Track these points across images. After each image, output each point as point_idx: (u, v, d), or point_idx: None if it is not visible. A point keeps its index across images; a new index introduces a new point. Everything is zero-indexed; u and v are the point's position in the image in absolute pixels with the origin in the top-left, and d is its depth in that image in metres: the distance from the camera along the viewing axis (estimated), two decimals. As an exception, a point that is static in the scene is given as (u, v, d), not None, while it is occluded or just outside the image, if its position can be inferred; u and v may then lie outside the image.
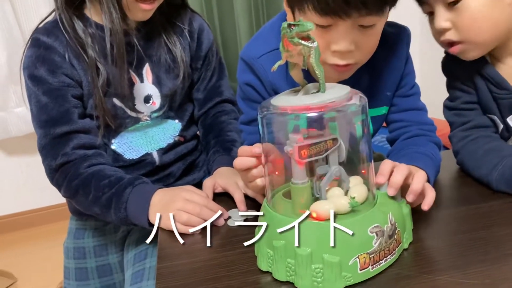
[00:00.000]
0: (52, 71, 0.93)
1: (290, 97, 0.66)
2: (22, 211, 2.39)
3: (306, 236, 0.61)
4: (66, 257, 1.10)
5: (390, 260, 0.64)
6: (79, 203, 0.94)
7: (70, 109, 0.94)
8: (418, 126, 0.93)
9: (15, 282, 1.93)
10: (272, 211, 0.66)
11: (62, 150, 0.93)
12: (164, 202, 0.84)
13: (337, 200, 0.63)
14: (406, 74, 0.95)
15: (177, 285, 0.65)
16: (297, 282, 0.61)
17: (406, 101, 0.95)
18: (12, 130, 2.20)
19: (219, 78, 1.12)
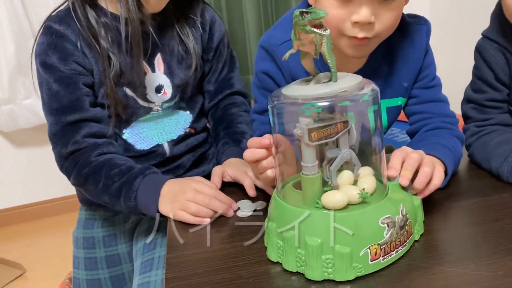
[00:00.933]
0: (64, 59, 0.93)
1: (301, 86, 0.65)
2: (30, 203, 2.40)
3: (316, 226, 0.60)
4: (75, 246, 1.11)
5: (401, 251, 0.63)
6: (89, 191, 0.94)
7: (81, 97, 0.94)
8: (440, 119, 0.91)
9: (24, 273, 1.95)
10: (282, 201, 0.66)
11: (73, 138, 0.93)
12: (174, 193, 0.84)
13: (348, 191, 0.62)
14: (427, 66, 0.93)
15: (187, 275, 0.65)
16: (307, 272, 0.61)
17: (427, 92, 0.94)
18: (20, 122, 2.21)
19: (230, 70, 1.12)
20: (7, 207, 2.38)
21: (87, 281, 1.07)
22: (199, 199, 0.81)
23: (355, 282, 0.60)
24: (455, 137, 0.87)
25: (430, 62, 0.94)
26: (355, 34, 0.78)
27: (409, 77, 0.93)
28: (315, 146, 0.62)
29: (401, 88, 0.93)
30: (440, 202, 0.78)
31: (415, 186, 0.69)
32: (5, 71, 2.14)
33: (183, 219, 0.81)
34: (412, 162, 0.70)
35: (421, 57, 0.92)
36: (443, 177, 0.73)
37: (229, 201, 0.83)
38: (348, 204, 0.61)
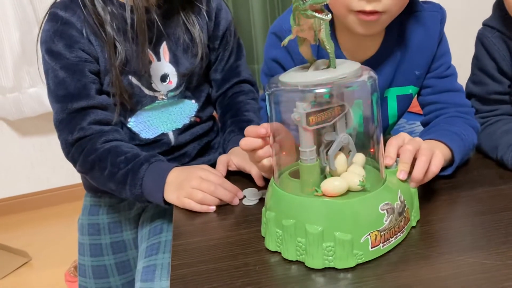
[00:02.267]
0: (70, 46, 0.93)
1: (299, 73, 0.65)
2: (35, 191, 2.41)
3: (317, 214, 0.60)
4: (80, 233, 1.11)
5: (399, 237, 0.63)
6: (94, 178, 0.94)
7: (88, 85, 0.94)
8: (455, 109, 0.89)
9: (29, 261, 1.96)
10: (281, 190, 0.65)
11: (79, 124, 0.93)
12: (180, 180, 0.84)
13: (347, 178, 0.62)
14: (441, 54, 0.91)
15: (193, 262, 0.65)
16: (308, 261, 0.60)
17: (441, 82, 0.92)
18: (25, 110, 2.21)
19: (237, 59, 1.11)
20: (13, 195, 2.39)
21: (93, 268, 1.07)
22: (205, 186, 0.80)
23: (356, 270, 0.59)
24: (468, 126, 0.86)
25: (444, 50, 0.92)
26: (362, 7, 0.75)
27: (422, 65, 0.91)
28: (313, 131, 0.62)
29: (413, 76, 0.92)
30: (447, 191, 0.77)
31: (414, 177, 0.67)
32: (10, 59, 2.14)
33: (189, 207, 0.80)
34: (408, 155, 0.68)
35: (434, 45, 0.90)
36: (441, 163, 0.71)
37: (234, 189, 0.83)
38: (348, 191, 0.61)
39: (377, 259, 0.61)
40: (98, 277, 1.07)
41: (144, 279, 0.88)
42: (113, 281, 1.07)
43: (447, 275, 0.57)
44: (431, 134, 0.81)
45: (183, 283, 0.60)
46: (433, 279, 0.56)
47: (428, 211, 0.71)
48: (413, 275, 0.57)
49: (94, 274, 1.07)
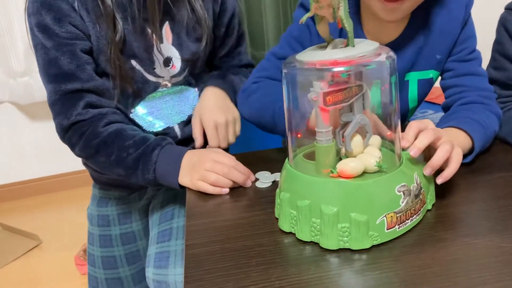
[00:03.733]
0: (59, 20, 0.87)
1: (317, 52, 0.64)
2: (46, 176, 2.43)
3: (332, 194, 0.59)
4: (90, 223, 1.10)
5: (415, 220, 0.63)
6: (99, 163, 0.92)
7: (82, 65, 0.89)
8: (476, 92, 0.87)
9: (40, 244, 1.98)
10: (296, 171, 0.64)
11: (75, 109, 0.89)
12: (193, 163, 0.83)
13: (363, 159, 0.61)
14: (465, 38, 0.89)
15: (207, 242, 0.65)
16: (323, 242, 0.60)
17: (464, 66, 0.90)
18: (36, 95, 2.22)
19: (239, 45, 1.10)
20: (23, 180, 2.41)
21: (102, 258, 1.07)
22: (218, 169, 0.80)
23: (371, 251, 0.59)
24: (489, 112, 0.84)
25: (468, 34, 0.90)
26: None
27: (443, 49, 0.90)
28: (329, 111, 0.60)
29: (434, 60, 0.90)
30: (463, 176, 0.76)
31: (432, 162, 0.66)
32: (21, 44, 2.15)
33: (203, 189, 0.80)
34: (428, 135, 0.66)
35: (457, 29, 0.88)
36: (461, 158, 0.69)
37: (247, 172, 0.82)
38: (363, 172, 0.61)
39: (393, 241, 0.60)
40: (108, 267, 1.07)
41: (157, 265, 0.88)
42: (123, 272, 1.07)
43: (463, 257, 0.56)
44: (452, 121, 0.80)
45: (197, 262, 0.60)
46: (450, 261, 0.56)
47: (444, 195, 0.71)
48: (429, 257, 0.57)
49: (104, 265, 1.07)
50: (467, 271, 0.54)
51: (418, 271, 0.55)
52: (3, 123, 2.32)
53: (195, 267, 0.59)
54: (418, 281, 0.53)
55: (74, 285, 1.69)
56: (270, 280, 0.55)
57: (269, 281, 0.55)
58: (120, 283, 1.06)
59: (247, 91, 0.93)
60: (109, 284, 1.06)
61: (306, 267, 0.58)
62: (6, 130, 2.33)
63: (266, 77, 0.93)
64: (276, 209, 0.68)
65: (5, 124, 2.32)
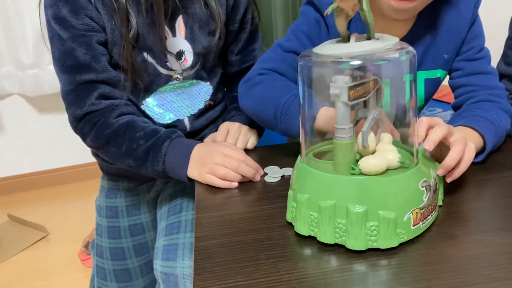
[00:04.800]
0: (75, 12, 0.89)
1: (336, 45, 0.62)
2: (54, 168, 2.44)
3: (360, 193, 0.57)
4: (98, 214, 1.11)
5: (433, 215, 0.62)
6: (109, 153, 0.92)
7: (97, 57, 0.90)
8: (486, 91, 0.86)
9: (47, 235, 1.99)
10: (316, 171, 0.61)
11: (89, 100, 0.90)
12: (202, 156, 0.83)
13: (384, 155, 0.60)
14: (473, 37, 0.89)
15: (217, 234, 0.65)
16: (349, 243, 0.57)
17: (472, 64, 0.89)
18: (45, 87, 2.23)
19: (253, 41, 1.09)
20: (32, 172, 2.42)
21: (110, 249, 1.07)
22: (227, 162, 0.80)
23: (398, 251, 0.57)
24: (501, 110, 0.83)
25: (476, 33, 0.89)
26: None
27: (450, 49, 0.89)
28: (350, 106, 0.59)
29: (441, 60, 0.90)
30: (473, 173, 0.76)
31: (446, 163, 0.65)
32: (31, 36, 2.15)
33: (212, 183, 0.80)
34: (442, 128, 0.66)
35: (465, 28, 0.88)
36: (473, 157, 0.69)
37: (256, 166, 0.82)
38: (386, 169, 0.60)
39: (416, 239, 0.59)
40: (116, 258, 1.07)
41: (165, 257, 0.88)
42: (131, 263, 1.07)
43: (474, 254, 0.56)
44: (462, 120, 0.79)
45: (207, 254, 0.61)
46: (461, 258, 0.56)
47: (455, 192, 0.70)
48: (440, 253, 0.57)
49: (112, 256, 1.07)
50: (477, 268, 0.54)
51: (429, 267, 0.54)
52: (12, 115, 2.33)
53: (204, 259, 0.59)
54: (429, 277, 0.53)
55: (80, 276, 1.70)
56: (280, 273, 0.55)
57: (278, 274, 0.55)
58: (128, 274, 1.07)
59: (251, 81, 0.90)
60: (117, 275, 1.07)
61: (315, 261, 0.58)
62: (14, 122, 2.35)
63: (271, 69, 0.90)
64: (290, 213, 0.65)
65: (14, 116, 2.33)
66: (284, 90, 0.84)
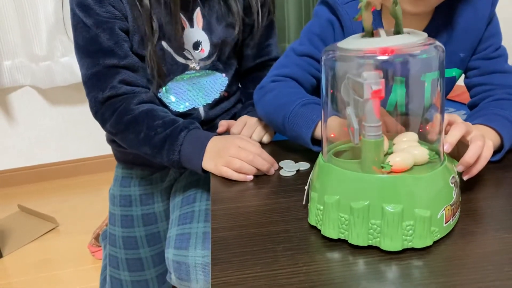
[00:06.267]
0: (99, 1, 0.91)
1: (363, 40, 0.61)
2: (64, 160, 2.45)
3: (397, 192, 0.55)
4: (111, 203, 1.12)
5: (458, 212, 0.62)
6: (127, 140, 0.93)
7: (120, 42, 0.93)
8: (504, 90, 0.85)
9: (57, 227, 2.00)
10: (346, 170, 0.59)
11: (110, 82, 0.92)
12: (218, 149, 0.84)
13: (412, 151, 0.59)
14: (490, 36, 0.88)
15: (233, 226, 0.65)
16: (385, 244, 0.56)
17: (489, 63, 0.88)
18: (57, 79, 2.24)
19: (269, 37, 1.10)
20: (43, 163, 2.44)
21: (123, 238, 1.08)
22: (243, 155, 0.80)
23: (432, 250, 0.56)
24: None
25: (493, 32, 0.88)
26: None
27: (467, 47, 0.88)
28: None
29: (457, 58, 0.89)
30: (491, 171, 0.75)
31: (465, 160, 0.65)
32: (44, 28, 2.16)
33: (227, 175, 0.80)
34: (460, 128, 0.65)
35: (482, 27, 0.87)
36: (491, 153, 0.68)
37: (271, 160, 0.82)
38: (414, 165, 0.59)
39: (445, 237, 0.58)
40: (129, 247, 1.08)
41: (178, 246, 0.88)
42: (143, 252, 1.08)
43: (493, 250, 0.56)
44: (479, 118, 0.78)
45: (224, 245, 0.60)
46: (480, 254, 0.55)
47: (473, 189, 0.70)
48: (460, 249, 0.56)
49: (125, 245, 1.08)
50: (498, 264, 0.53)
51: (449, 262, 0.54)
52: (24, 107, 2.35)
53: (222, 249, 0.59)
54: (448, 272, 0.52)
55: (89, 268, 1.71)
56: (298, 265, 0.55)
57: (296, 266, 0.55)
58: (140, 263, 1.08)
59: (264, 89, 0.91)
60: (130, 265, 1.07)
61: (333, 254, 0.57)
62: (26, 113, 2.36)
63: (285, 75, 0.91)
64: (314, 216, 0.62)
65: (25, 108, 2.35)
66: (292, 99, 0.84)
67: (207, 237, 0.88)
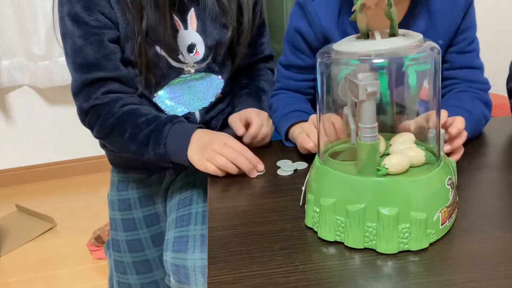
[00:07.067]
0: (89, 8, 0.88)
1: (358, 42, 0.61)
2: (62, 160, 2.45)
3: (393, 195, 0.55)
4: (111, 209, 1.10)
5: (455, 213, 0.62)
6: (114, 142, 0.93)
7: (108, 55, 0.91)
8: (467, 84, 0.90)
9: (55, 227, 2.00)
10: (342, 173, 0.58)
11: (94, 94, 0.91)
12: (203, 142, 0.83)
13: (407, 154, 0.59)
14: (465, 28, 0.90)
15: (230, 225, 0.65)
16: (380, 247, 0.56)
17: (461, 58, 0.91)
18: (55, 78, 2.24)
19: (262, 36, 1.10)
20: (40, 163, 2.43)
21: (128, 242, 1.07)
22: (226, 152, 0.80)
23: (429, 249, 0.56)
24: (477, 100, 0.87)
25: (469, 24, 0.90)
26: None
27: (446, 35, 0.90)
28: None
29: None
30: (487, 172, 0.75)
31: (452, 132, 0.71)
32: (43, 28, 2.16)
33: (208, 171, 0.80)
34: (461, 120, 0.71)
35: (459, 16, 0.89)
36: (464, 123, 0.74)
37: (255, 160, 0.81)
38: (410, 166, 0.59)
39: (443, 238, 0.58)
40: (134, 250, 1.06)
41: (176, 249, 0.88)
42: (149, 253, 1.07)
43: (490, 250, 0.56)
44: None
45: (220, 244, 0.60)
46: (478, 253, 0.55)
47: (466, 190, 0.70)
48: (457, 249, 0.56)
49: (130, 248, 1.06)
50: (494, 263, 0.53)
51: (446, 262, 0.54)
52: (22, 106, 2.34)
53: (218, 248, 0.59)
54: (444, 271, 0.52)
55: (87, 267, 1.71)
56: (294, 264, 0.55)
57: (293, 265, 0.55)
58: (148, 265, 1.07)
59: None
60: (137, 267, 1.06)
61: (330, 253, 0.57)
62: (24, 113, 2.36)
63: (279, 89, 1.01)
64: (310, 218, 0.62)
65: (24, 107, 2.35)
66: (279, 111, 0.95)
67: (205, 240, 0.87)
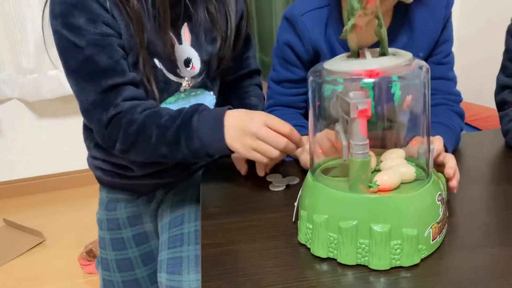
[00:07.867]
0: (93, 21, 0.83)
1: (350, 61, 0.62)
2: (51, 174, 2.43)
3: (385, 211, 0.56)
4: (100, 228, 1.08)
5: (445, 228, 0.62)
6: (141, 151, 0.86)
7: (120, 60, 0.86)
8: (442, 96, 0.92)
9: (44, 241, 1.98)
10: (335, 190, 0.59)
11: (114, 101, 0.85)
12: (241, 126, 0.77)
13: (399, 170, 0.60)
14: (443, 41, 0.93)
15: (223, 242, 0.65)
16: (373, 263, 0.56)
17: (437, 69, 0.93)
18: (45, 92, 2.22)
19: (247, 49, 1.08)
20: (29, 177, 2.41)
21: (117, 261, 1.05)
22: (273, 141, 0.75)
23: (420, 264, 0.57)
24: (453, 113, 0.89)
25: (447, 37, 0.93)
26: None
27: (426, 47, 0.92)
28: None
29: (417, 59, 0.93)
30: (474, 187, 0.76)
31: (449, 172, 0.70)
32: (32, 41, 2.15)
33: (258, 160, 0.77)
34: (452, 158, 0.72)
35: (439, 28, 0.91)
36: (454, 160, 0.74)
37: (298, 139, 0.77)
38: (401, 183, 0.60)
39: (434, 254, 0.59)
40: (124, 270, 1.05)
41: (170, 271, 0.86)
42: (139, 273, 1.06)
43: (481, 265, 0.57)
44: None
45: (214, 262, 0.61)
46: (468, 268, 0.56)
47: (456, 205, 0.71)
48: (448, 264, 0.57)
49: (119, 268, 1.05)
50: (485, 278, 0.54)
51: (437, 277, 0.55)
52: (11, 120, 2.32)
53: (212, 266, 0.60)
54: (436, 286, 0.53)
55: (77, 282, 1.69)
56: (288, 281, 0.55)
57: (287, 283, 0.55)
58: (137, 284, 1.05)
59: None
60: (127, 287, 1.05)
61: (324, 270, 0.58)
62: (13, 126, 2.34)
63: (273, 105, 1.01)
64: (303, 234, 0.62)
65: (13, 121, 2.32)
66: None
67: (199, 260, 0.86)
